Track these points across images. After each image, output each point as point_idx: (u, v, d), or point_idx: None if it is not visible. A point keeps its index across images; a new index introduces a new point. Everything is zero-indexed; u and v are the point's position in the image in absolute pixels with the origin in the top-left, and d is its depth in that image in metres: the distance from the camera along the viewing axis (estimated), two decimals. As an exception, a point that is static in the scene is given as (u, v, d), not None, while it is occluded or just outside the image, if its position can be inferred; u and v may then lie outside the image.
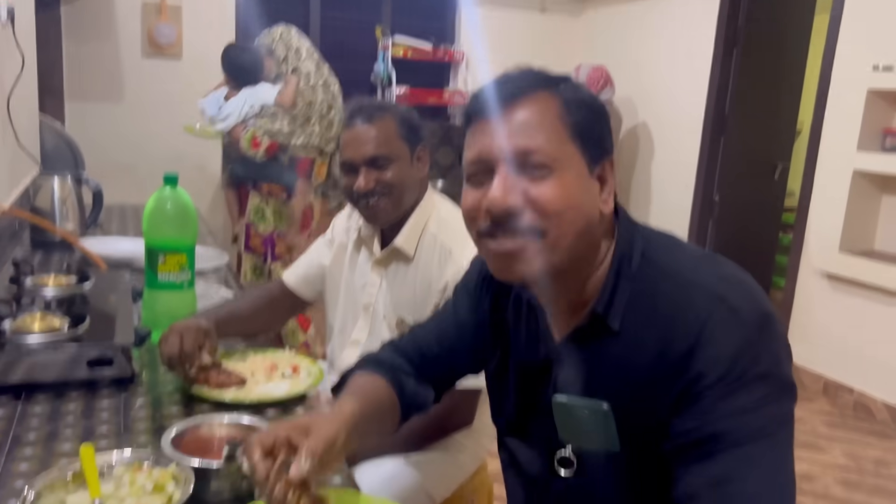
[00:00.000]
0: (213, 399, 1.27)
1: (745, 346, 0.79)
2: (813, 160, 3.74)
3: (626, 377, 0.85)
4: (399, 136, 1.51)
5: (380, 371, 1.06)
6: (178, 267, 1.51)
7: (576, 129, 0.86)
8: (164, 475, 0.94)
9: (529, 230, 0.85)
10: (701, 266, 0.87)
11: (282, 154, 3.36)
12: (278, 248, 3.44)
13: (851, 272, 3.50)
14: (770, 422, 0.79)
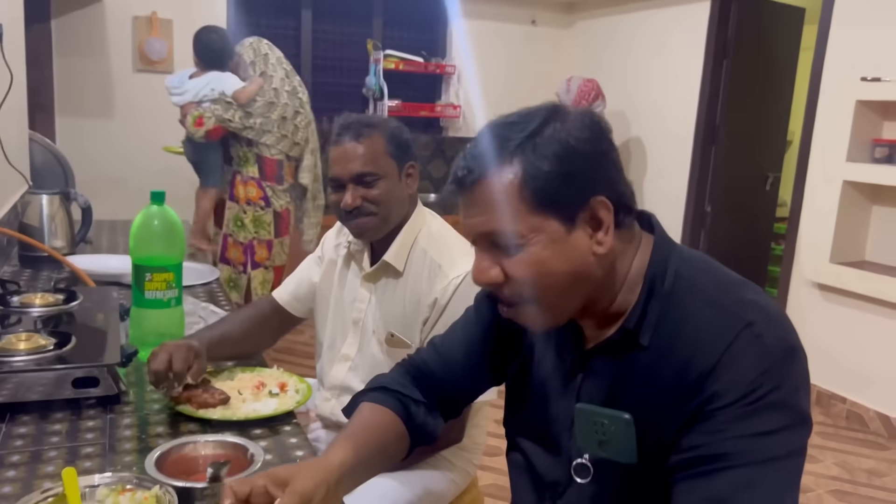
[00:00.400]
0: (201, 417, 1.27)
1: (765, 373, 0.80)
2: (803, 171, 3.76)
3: (650, 391, 0.86)
4: (387, 153, 1.51)
5: (389, 401, 1.06)
6: (164, 285, 1.50)
7: (537, 200, 0.85)
8: (148, 498, 0.93)
9: (516, 299, 0.89)
10: (733, 290, 0.88)
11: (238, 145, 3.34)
12: (258, 254, 3.44)
13: (842, 282, 3.52)
14: (778, 450, 0.80)
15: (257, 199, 3.37)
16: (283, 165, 3.40)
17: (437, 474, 1.54)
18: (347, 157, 1.50)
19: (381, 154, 1.51)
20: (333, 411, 1.62)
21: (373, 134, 1.50)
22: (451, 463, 1.57)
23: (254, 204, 3.37)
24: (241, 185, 3.36)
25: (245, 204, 3.36)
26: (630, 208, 0.90)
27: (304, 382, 1.44)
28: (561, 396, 0.97)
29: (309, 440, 1.28)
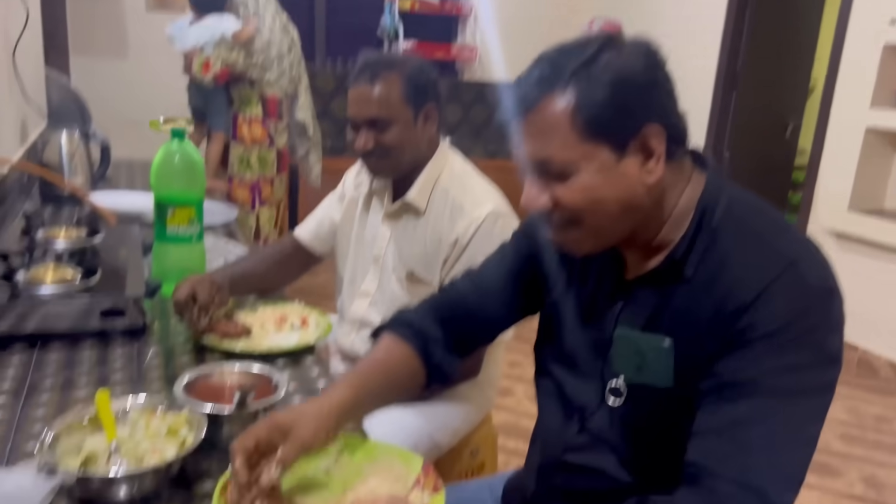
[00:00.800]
0: (224, 349, 1.30)
1: (803, 311, 0.82)
2: (825, 118, 3.70)
3: (688, 320, 0.89)
4: (403, 97, 1.49)
5: (409, 337, 1.08)
6: (186, 220, 1.52)
7: (590, 127, 0.85)
8: (178, 420, 0.96)
9: (564, 225, 0.91)
10: (781, 232, 0.90)
11: (241, 86, 3.32)
12: (264, 193, 3.48)
13: (860, 231, 3.49)
14: (806, 385, 0.82)
15: (262, 138, 3.39)
16: (282, 103, 3.42)
17: (453, 408, 1.57)
18: (362, 99, 1.49)
19: (396, 98, 1.49)
20: (353, 345, 1.65)
21: (390, 76, 1.48)
22: (466, 397, 1.60)
23: (259, 143, 3.39)
24: (245, 126, 3.37)
25: (250, 144, 3.38)
26: (682, 140, 0.91)
27: (325, 317, 1.47)
28: (598, 323, 0.99)
29: (330, 374, 1.31)
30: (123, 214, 2.01)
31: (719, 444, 0.82)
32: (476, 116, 5.36)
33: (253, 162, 3.41)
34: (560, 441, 1.03)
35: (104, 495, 0.85)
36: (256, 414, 1.01)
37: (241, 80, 3.32)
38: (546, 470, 1.06)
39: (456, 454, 1.66)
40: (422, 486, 0.93)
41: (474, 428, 1.66)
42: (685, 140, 0.92)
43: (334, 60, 5.04)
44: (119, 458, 0.89)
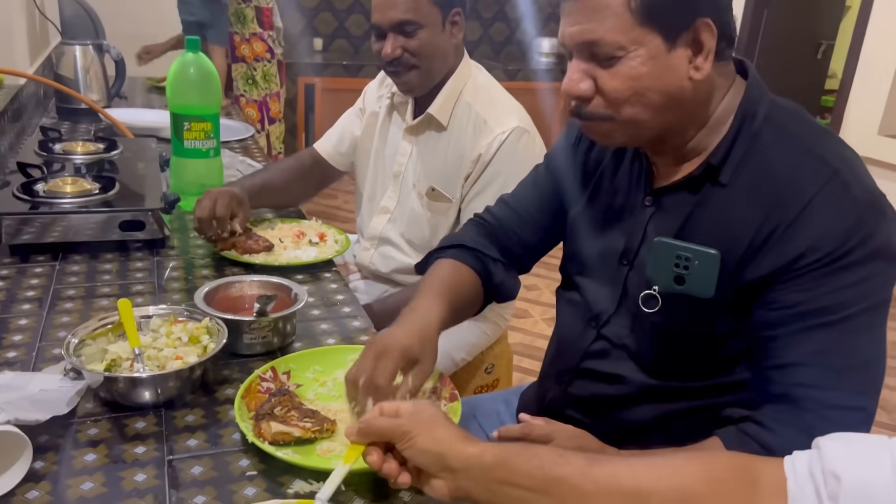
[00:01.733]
0: (244, 262, 1.31)
1: (855, 225, 0.80)
2: (860, 37, 3.55)
3: (727, 229, 0.87)
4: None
5: (469, 259, 1.09)
6: (203, 134, 1.51)
7: (646, 10, 0.83)
8: (199, 328, 0.97)
9: (599, 115, 0.89)
10: (820, 138, 0.88)
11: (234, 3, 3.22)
12: (272, 110, 3.43)
13: (890, 156, 3.41)
14: (875, 296, 0.82)
15: (264, 52, 3.31)
16: (273, 11, 3.33)
17: (470, 325, 1.58)
18: (388, 2, 1.43)
19: (424, 0, 1.44)
20: (372, 261, 1.65)
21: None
22: (483, 315, 1.59)
23: (262, 59, 3.32)
24: (245, 44, 3.28)
25: (253, 61, 3.31)
26: (732, 39, 0.88)
27: (342, 234, 1.47)
28: (623, 231, 0.99)
29: (349, 287, 1.31)
30: (140, 129, 2.00)
31: (812, 374, 0.82)
32: (496, 34, 5.22)
33: (258, 79, 3.34)
34: (578, 348, 1.04)
35: (129, 396, 0.87)
36: (276, 323, 1.02)
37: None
38: (563, 377, 1.07)
39: (472, 369, 1.68)
40: (439, 395, 0.94)
41: (490, 345, 1.68)
42: (734, 41, 0.89)
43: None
44: (142, 364, 0.90)
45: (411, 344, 0.88)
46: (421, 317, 0.94)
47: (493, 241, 1.13)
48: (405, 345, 0.88)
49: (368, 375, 0.85)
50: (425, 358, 0.89)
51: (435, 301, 0.97)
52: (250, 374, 0.94)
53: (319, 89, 4.34)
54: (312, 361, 0.98)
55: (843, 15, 4.81)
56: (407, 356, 0.87)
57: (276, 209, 1.62)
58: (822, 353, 0.81)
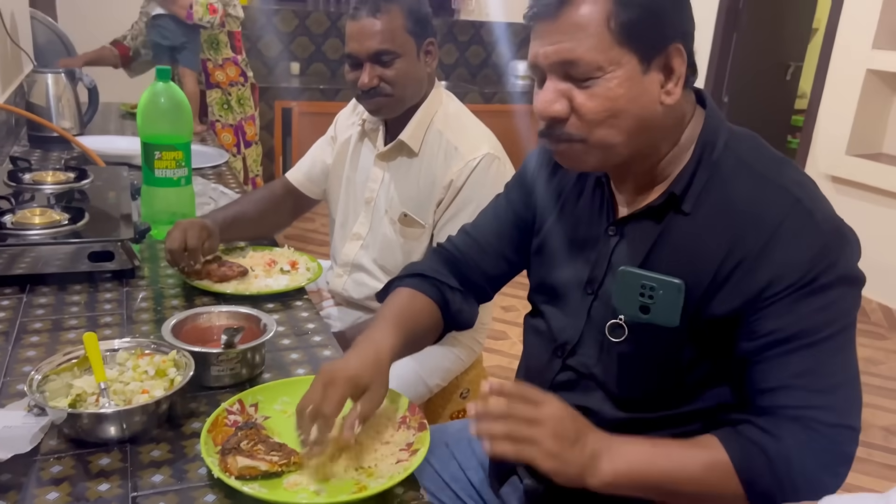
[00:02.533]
0: (215, 291, 1.30)
1: (821, 252, 0.82)
2: (826, 59, 3.64)
3: (693, 258, 0.88)
4: (405, 29, 1.46)
5: (427, 288, 1.09)
6: (174, 163, 1.51)
7: (624, 31, 0.84)
8: (166, 361, 0.97)
9: (572, 136, 0.88)
10: (779, 167, 0.89)
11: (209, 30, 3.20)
12: (248, 133, 3.43)
13: (857, 175, 3.48)
14: (845, 318, 0.84)
15: (237, 77, 3.32)
16: (242, 35, 3.35)
17: (444, 350, 1.59)
18: (365, 33, 1.45)
19: (400, 31, 1.46)
20: (345, 287, 1.65)
21: (391, 8, 1.45)
22: (457, 340, 1.61)
23: (236, 83, 3.32)
24: (219, 70, 3.28)
25: (228, 86, 3.31)
26: (695, 68, 0.90)
27: (314, 261, 1.47)
28: (588, 261, 0.99)
29: (321, 315, 1.31)
30: (112, 157, 1.99)
31: (798, 396, 0.83)
32: (472, 57, 5.27)
33: (234, 104, 3.35)
34: (545, 379, 1.04)
35: (94, 432, 0.87)
36: (245, 354, 1.02)
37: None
38: None
39: (447, 395, 1.68)
40: (408, 425, 0.94)
41: (465, 369, 1.68)
42: (696, 69, 0.90)
43: (327, 2, 4.92)
44: (108, 398, 0.90)
45: (360, 373, 0.88)
46: (373, 345, 0.94)
47: (452, 271, 1.13)
48: (353, 374, 0.87)
49: (315, 404, 0.84)
50: (375, 385, 0.89)
51: (389, 330, 0.97)
52: (218, 406, 0.93)
53: (296, 113, 4.35)
54: (281, 393, 0.98)
55: (810, 37, 4.92)
56: (355, 384, 0.87)
57: (250, 240, 1.62)
58: (803, 375, 0.83)
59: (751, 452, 0.82)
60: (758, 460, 0.82)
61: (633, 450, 0.84)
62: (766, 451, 0.82)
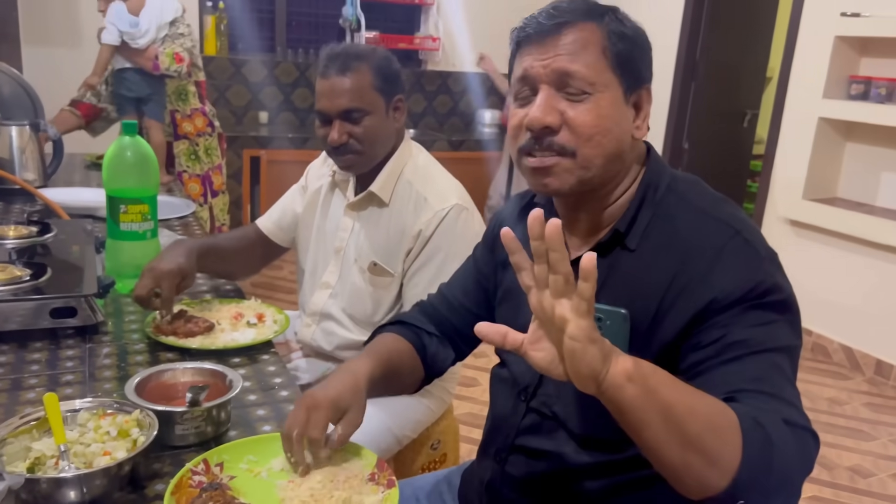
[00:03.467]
0: (180, 346, 1.29)
1: (761, 274, 0.86)
2: (780, 108, 3.77)
3: (639, 289, 0.92)
4: (374, 87, 1.49)
5: (405, 332, 1.14)
6: (140, 217, 1.50)
7: (616, 59, 0.92)
8: (129, 421, 0.95)
9: (563, 149, 0.93)
10: (720, 204, 0.96)
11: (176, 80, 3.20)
12: (215, 183, 3.43)
13: (814, 219, 3.58)
14: (784, 337, 0.85)
15: (205, 127, 3.31)
16: (205, 83, 3.36)
17: (414, 401, 1.58)
18: (334, 91, 1.48)
19: (368, 89, 1.49)
20: (314, 337, 1.65)
21: (360, 67, 1.48)
22: (427, 391, 1.59)
23: (203, 133, 3.31)
24: (186, 121, 3.26)
25: (196, 136, 3.30)
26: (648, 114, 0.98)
27: (281, 313, 1.46)
28: None
29: (287, 368, 1.30)
30: (76, 210, 1.97)
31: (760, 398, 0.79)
32: (440, 106, 5.36)
33: (201, 154, 3.34)
34: (512, 424, 1.05)
35: (53, 497, 0.84)
36: (210, 412, 1.01)
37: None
38: (499, 455, 1.08)
39: (418, 447, 1.67)
40: (377, 482, 0.93)
41: (435, 420, 1.68)
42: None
43: (295, 51, 4.98)
44: (68, 461, 0.87)
45: (341, 395, 0.93)
46: (351, 371, 0.98)
47: (431, 321, 1.17)
48: (334, 396, 0.92)
49: (301, 428, 0.89)
50: (354, 408, 0.94)
51: (367, 359, 1.02)
52: (182, 466, 0.91)
53: (265, 161, 4.36)
54: (246, 451, 0.97)
55: (765, 86, 5.10)
56: (336, 407, 0.92)
57: (220, 277, 1.62)
58: (760, 380, 0.81)
59: (750, 422, 0.75)
60: (757, 431, 0.74)
61: (650, 365, 0.75)
62: (763, 426, 0.75)
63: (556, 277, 0.72)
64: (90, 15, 4.16)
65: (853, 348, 3.51)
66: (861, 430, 2.95)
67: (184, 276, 1.38)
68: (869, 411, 3.12)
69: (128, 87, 3.14)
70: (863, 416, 3.08)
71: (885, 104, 3.27)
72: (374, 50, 1.53)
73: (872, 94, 3.35)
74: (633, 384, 0.72)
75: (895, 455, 2.77)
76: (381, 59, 1.51)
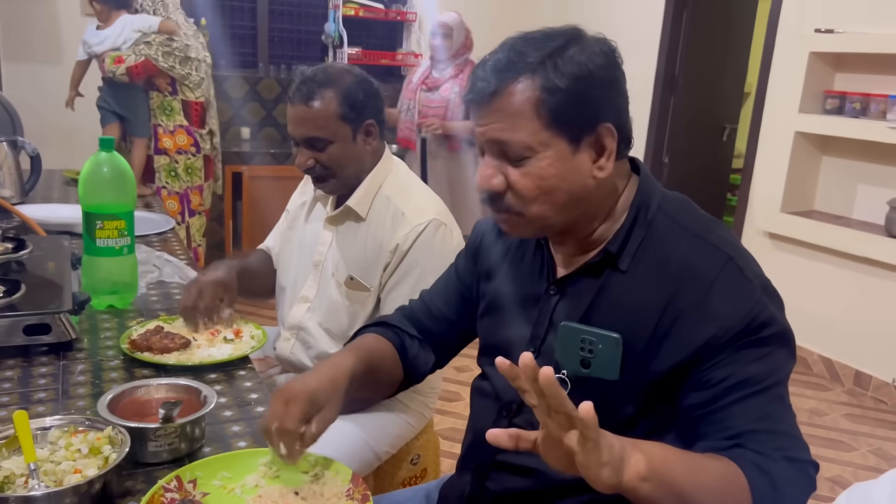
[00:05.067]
0: (155, 363, 1.28)
1: (756, 306, 0.88)
2: (758, 122, 3.82)
3: (632, 314, 0.92)
4: (339, 115, 1.48)
5: (387, 333, 1.15)
6: (116, 233, 1.49)
7: (552, 115, 0.89)
8: (101, 438, 0.94)
9: (510, 209, 0.94)
10: (710, 226, 0.96)
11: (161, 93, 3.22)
12: (193, 202, 3.43)
13: (792, 232, 3.62)
14: (780, 368, 0.89)
15: (188, 146, 3.33)
16: (205, 109, 3.37)
17: (393, 416, 1.58)
18: (298, 119, 1.49)
19: (332, 118, 1.48)
20: (293, 351, 1.64)
21: (325, 95, 1.46)
22: (406, 406, 1.60)
23: (185, 152, 3.33)
24: (168, 136, 3.28)
25: (176, 153, 3.31)
26: (629, 139, 0.95)
27: (259, 329, 1.46)
28: (531, 319, 1.02)
29: (265, 385, 1.30)
30: (53, 226, 1.96)
31: (765, 438, 0.85)
32: (422, 122, 5.38)
33: (181, 171, 3.35)
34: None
35: (21, 518, 0.83)
36: (183, 428, 1.00)
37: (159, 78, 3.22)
38: (480, 472, 1.07)
39: (398, 462, 1.66)
40: (351, 497, 0.93)
41: (415, 435, 1.67)
42: (631, 140, 0.96)
43: (278, 67, 4.99)
44: (38, 479, 0.86)
45: (318, 389, 0.93)
46: (330, 367, 0.98)
47: (413, 326, 1.18)
48: (312, 390, 0.92)
49: (279, 422, 0.89)
50: (331, 405, 0.93)
51: (348, 355, 1.02)
52: (155, 484, 0.91)
53: (247, 177, 4.35)
54: (220, 467, 0.96)
55: (743, 100, 5.17)
56: (313, 400, 0.92)
57: (253, 298, 1.74)
58: (764, 419, 0.86)
59: (756, 472, 0.83)
60: (763, 479, 0.82)
61: (658, 451, 0.80)
62: (769, 473, 0.83)
63: (559, 416, 0.74)
64: (71, 31, 4.16)
65: (833, 360, 3.55)
66: (841, 440, 2.98)
67: (226, 289, 1.45)
68: (848, 422, 3.14)
69: (103, 99, 3.19)
70: (842, 426, 3.10)
71: (859, 118, 3.32)
72: (345, 73, 1.51)
73: (847, 108, 3.40)
74: (648, 483, 0.76)
75: (874, 465, 2.79)
76: (349, 85, 1.49)
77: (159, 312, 1.53)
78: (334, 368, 0.97)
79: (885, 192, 3.34)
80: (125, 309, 1.55)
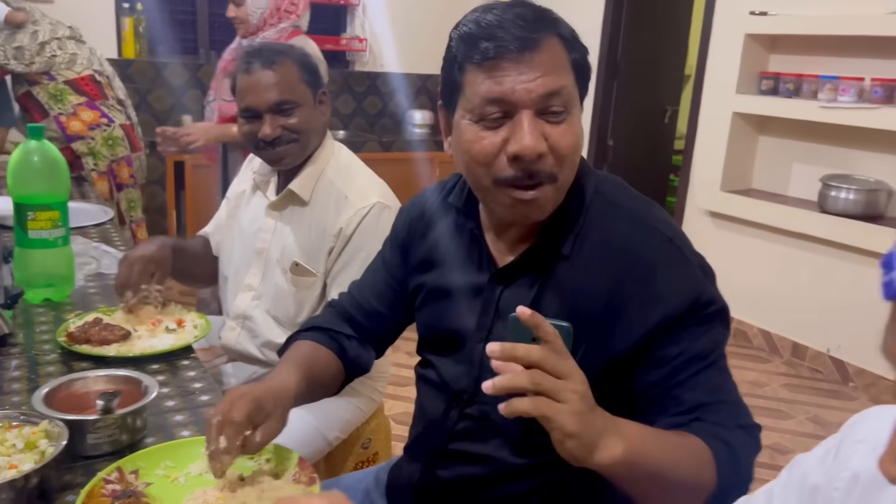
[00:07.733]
0: (95, 355, 1.25)
1: (698, 284, 0.91)
2: (697, 104, 3.91)
3: (580, 301, 0.92)
4: (301, 80, 1.50)
5: (323, 339, 1.12)
6: (50, 224, 1.45)
7: (577, 69, 0.90)
8: (36, 432, 0.92)
9: (547, 176, 0.88)
10: (648, 208, 0.97)
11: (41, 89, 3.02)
12: (119, 176, 3.25)
13: (732, 209, 3.73)
14: (721, 342, 0.92)
15: (98, 119, 3.12)
16: (95, 80, 3.14)
17: (343, 401, 1.57)
18: (262, 85, 1.47)
19: (296, 81, 1.49)
20: (239, 340, 1.62)
21: (284, 60, 1.48)
22: (356, 390, 1.60)
23: (97, 126, 3.11)
24: (73, 119, 3.06)
25: (88, 130, 3.11)
26: None
27: (202, 318, 1.44)
28: (475, 310, 1.01)
29: (209, 374, 1.28)
30: (-16, 220, 1.89)
31: (718, 409, 0.88)
32: (370, 107, 5.34)
33: (100, 147, 3.12)
34: (444, 428, 1.04)
35: (-47, 516, 0.81)
36: (124, 419, 0.98)
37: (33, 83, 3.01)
38: (431, 460, 1.07)
39: (348, 447, 1.66)
40: (298, 480, 0.93)
41: (366, 419, 1.67)
42: None
43: (219, 53, 4.86)
44: (-30, 477, 0.84)
45: (265, 397, 0.90)
46: (279, 380, 0.96)
47: (346, 322, 1.16)
48: (260, 395, 0.89)
49: (224, 414, 0.85)
50: (275, 417, 0.90)
51: (293, 371, 0.99)
52: (95, 476, 0.89)
53: (189, 167, 4.25)
54: (163, 457, 0.95)
55: (683, 83, 5.27)
56: (260, 405, 0.88)
57: (188, 282, 1.73)
58: (715, 391, 0.89)
59: (717, 443, 0.85)
60: (725, 449, 0.85)
61: (636, 431, 0.81)
62: (728, 443, 0.85)
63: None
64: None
65: (771, 332, 3.67)
66: (780, 409, 3.09)
67: (157, 264, 1.41)
68: (787, 391, 3.27)
69: None
70: (781, 396, 3.22)
71: (793, 98, 3.43)
72: (291, 46, 1.56)
73: (781, 88, 3.51)
74: (622, 466, 0.77)
75: (812, 432, 2.91)
76: (300, 54, 1.53)
77: (98, 305, 1.49)
78: (280, 388, 0.94)
79: (817, 169, 3.46)
80: (62, 302, 1.51)
